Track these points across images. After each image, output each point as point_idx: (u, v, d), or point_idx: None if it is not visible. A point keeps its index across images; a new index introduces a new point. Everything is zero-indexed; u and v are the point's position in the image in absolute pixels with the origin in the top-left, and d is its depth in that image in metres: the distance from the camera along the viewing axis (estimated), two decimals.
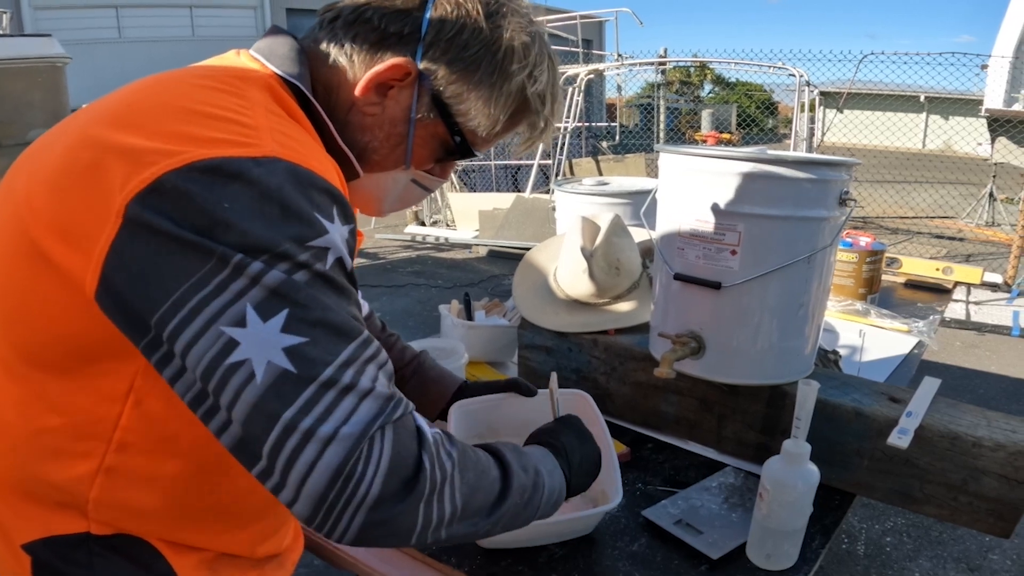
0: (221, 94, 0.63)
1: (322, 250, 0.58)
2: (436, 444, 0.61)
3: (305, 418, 0.54)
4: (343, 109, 0.73)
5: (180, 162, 0.55)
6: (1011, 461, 0.97)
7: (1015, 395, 3.74)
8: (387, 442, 0.56)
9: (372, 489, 0.55)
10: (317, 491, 0.54)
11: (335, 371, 0.55)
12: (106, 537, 0.69)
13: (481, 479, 0.66)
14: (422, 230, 7.97)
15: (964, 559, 2.41)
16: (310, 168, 0.59)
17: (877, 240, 2.07)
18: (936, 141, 14.21)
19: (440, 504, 0.60)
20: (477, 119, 0.74)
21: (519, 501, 0.70)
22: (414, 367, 1.14)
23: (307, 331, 0.55)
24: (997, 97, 10.14)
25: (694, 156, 1.08)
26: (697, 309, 1.12)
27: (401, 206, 0.85)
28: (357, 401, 0.56)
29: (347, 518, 0.55)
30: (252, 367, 0.54)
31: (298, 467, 0.54)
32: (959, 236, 8.03)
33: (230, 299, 0.54)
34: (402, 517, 0.57)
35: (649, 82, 11.17)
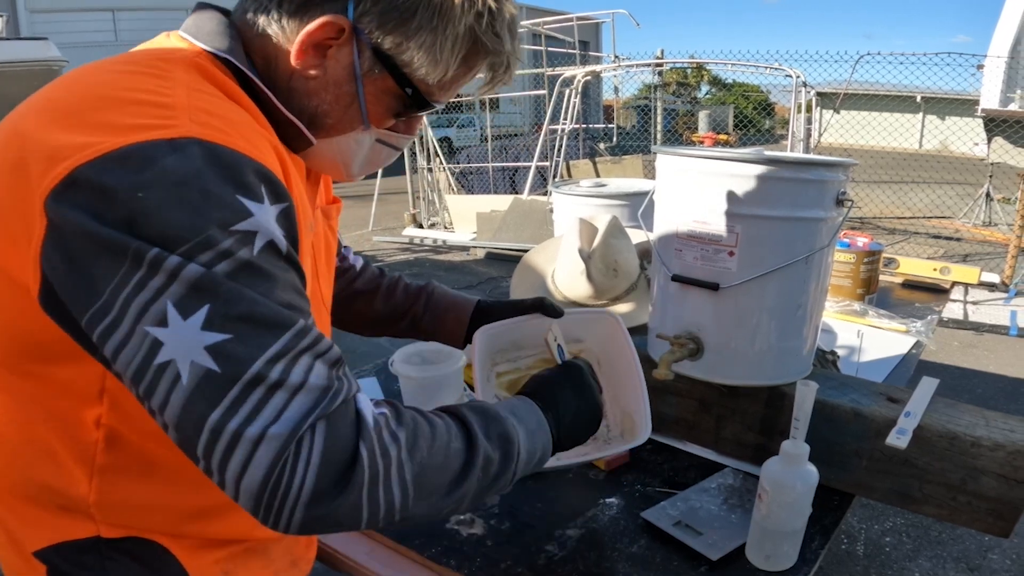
0: (142, 77, 0.60)
1: (248, 234, 0.55)
2: (378, 429, 0.59)
3: (232, 420, 0.52)
4: (284, 78, 0.69)
5: (93, 154, 0.53)
6: (1010, 461, 0.97)
7: (1013, 394, 3.75)
8: (319, 436, 0.54)
9: (305, 486, 0.54)
10: (252, 491, 0.53)
11: (262, 367, 0.53)
12: (117, 540, 0.69)
13: (436, 456, 0.62)
14: (420, 232, 7.97)
15: (964, 559, 2.41)
16: (234, 147, 0.57)
17: (874, 240, 2.07)
18: (933, 141, 14.25)
19: (387, 491, 0.58)
20: (424, 68, 0.69)
21: (487, 474, 0.67)
22: (424, 302, 1.10)
23: (230, 327, 0.53)
24: (993, 97, 10.15)
25: (691, 157, 1.08)
26: (695, 310, 1.12)
27: (372, 168, 0.81)
28: (288, 397, 0.54)
29: (287, 515, 0.54)
30: (177, 368, 0.52)
31: (231, 470, 0.53)
32: (956, 236, 8.05)
33: (150, 297, 0.52)
34: (344, 509, 0.56)
35: (646, 83, 11.20)
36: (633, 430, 0.99)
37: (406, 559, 1.03)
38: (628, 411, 1.00)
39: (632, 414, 1.00)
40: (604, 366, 1.11)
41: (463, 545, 1.03)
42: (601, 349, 1.11)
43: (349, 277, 1.08)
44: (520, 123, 16.38)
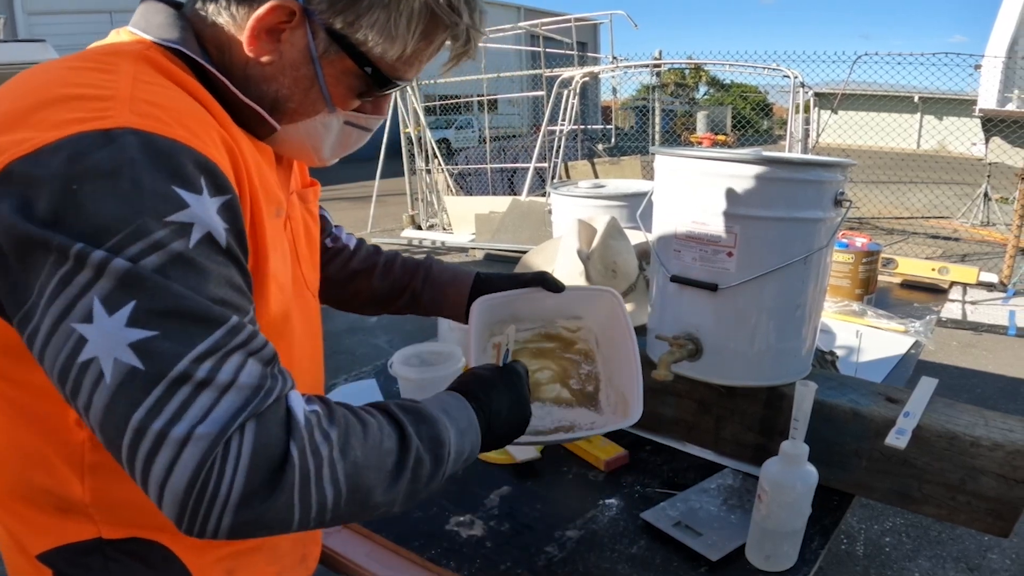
0: (87, 72, 0.59)
1: (183, 226, 0.54)
2: (309, 428, 0.57)
3: (156, 420, 0.50)
4: (239, 65, 0.68)
5: (27, 148, 0.52)
6: (1009, 460, 0.97)
7: (1012, 394, 3.75)
8: (248, 436, 0.53)
9: (234, 488, 0.52)
10: (177, 496, 0.51)
11: (188, 365, 0.52)
12: (119, 541, 0.69)
13: (370, 455, 0.60)
14: (418, 234, 7.97)
15: (963, 558, 2.41)
16: (173, 136, 0.55)
17: (873, 241, 2.07)
18: (930, 141, 14.27)
19: (319, 490, 0.56)
20: (380, 46, 0.68)
21: (418, 475, 0.65)
22: (422, 277, 1.08)
23: (156, 323, 0.51)
24: (991, 97, 10.17)
25: (690, 158, 1.08)
26: (694, 311, 1.12)
27: (343, 151, 0.80)
28: (216, 396, 0.52)
29: (214, 520, 0.52)
30: (100, 366, 0.50)
31: (155, 472, 0.51)
32: (954, 236, 8.05)
33: (76, 293, 0.51)
34: (274, 511, 0.54)
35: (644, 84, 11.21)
36: (626, 410, 0.98)
37: (406, 560, 1.03)
38: (622, 391, 1.00)
39: (625, 394, 1.00)
40: (603, 345, 1.10)
41: (463, 546, 1.03)
42: (600, 327, 1.10)
43: (344, 257, 1.07)
44: (518, 124, 16.37)
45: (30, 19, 14.76)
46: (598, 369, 1.10)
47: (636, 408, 0.94)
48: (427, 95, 9.42)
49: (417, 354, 1.45)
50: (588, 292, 1.11)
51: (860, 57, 8.50)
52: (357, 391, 1.60)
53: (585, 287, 1.07)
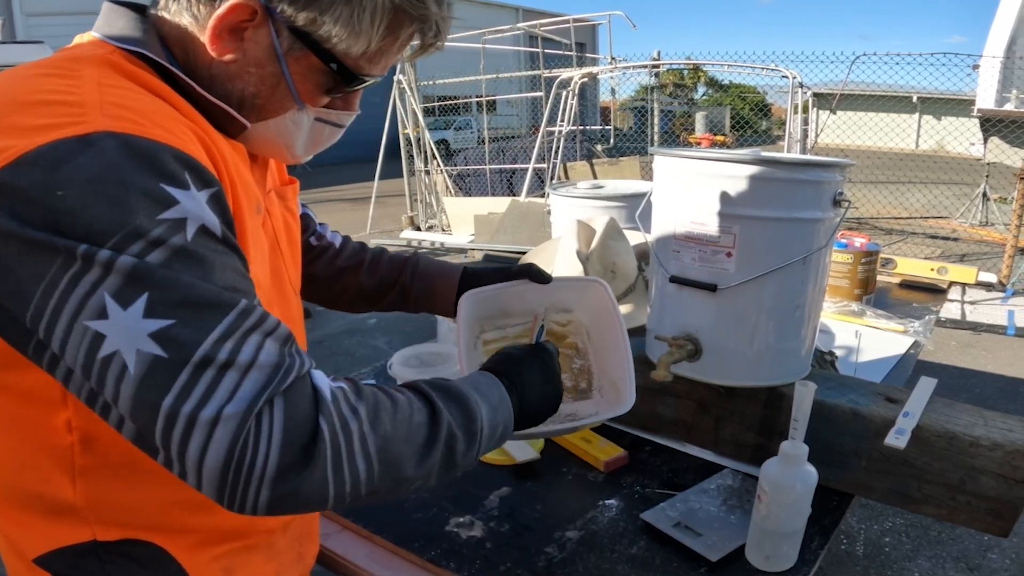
0: (49, 79, 0.59)
1: (177, 222, 0.54)
2: (337, 403, 0.58)
3: (185, 403, 0.52)
4: (204, 65, 0.68)
5: (4, 160, 0.52)
6: (1008, 460, 0.97)
7: (1011, 394, 3.75)
8: (277, 413, 0.54)
9: (269, 464, 0.53)
10: (215, 474, 0.52)
11: (210, 348, 0.53)
12: (114, 543, 0.69)
13: (400, 428, 0.61)
14: (417, 235, 7.97)
15: (963, 558, 2.41)
16: (151, 136, 0.55)
17: (872, 241, 2.07)
18: (929, 141, 14.27)
19: (352, 464, 0.57)
20: (344, 42, 0.68)
21: (451, 449, 0.66)
22: (411, 271, 1.08)
23: (171, 312, 0.52)
24: (989, 97, 10.18)
25: (689, 159, 1.08)
26: (693, 311, 1.12)
27: (316, 148, 0.80)
28: (239, 376, 0.53)
29: (252, 495, 0.53)
30: (123, 359, 0.52)
31: (191, 454, 0.52)
32: (953, 236, 8.06)
33: (86, 291, 0.52)
34: (309, 485, 0.55)
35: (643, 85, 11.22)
36: (619, 399, 0.98)
37: (405, 561, 1.03)
38: (614, 380, 1.00)
39: (617, 382, 1.00)
40: (593, 336, 1.10)
41: (463, 547, 1.03)
42: (590, 319, 1.10)
43: (331, 254, 1.07)
44: (517, 125, 16.38)
45: (28, 21, 14.75)
46: (590, 362, 1.10)
47: (629, 396, 0.94)
48: (426, 96, 9.42)
49: (416, 355, 1.45)
50: (576, 283, 1.11)
51: (859, 57, 8.51)
52: None
53: (573, 277, 1.07)
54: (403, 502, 1.15)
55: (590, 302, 1.07)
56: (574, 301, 1.09)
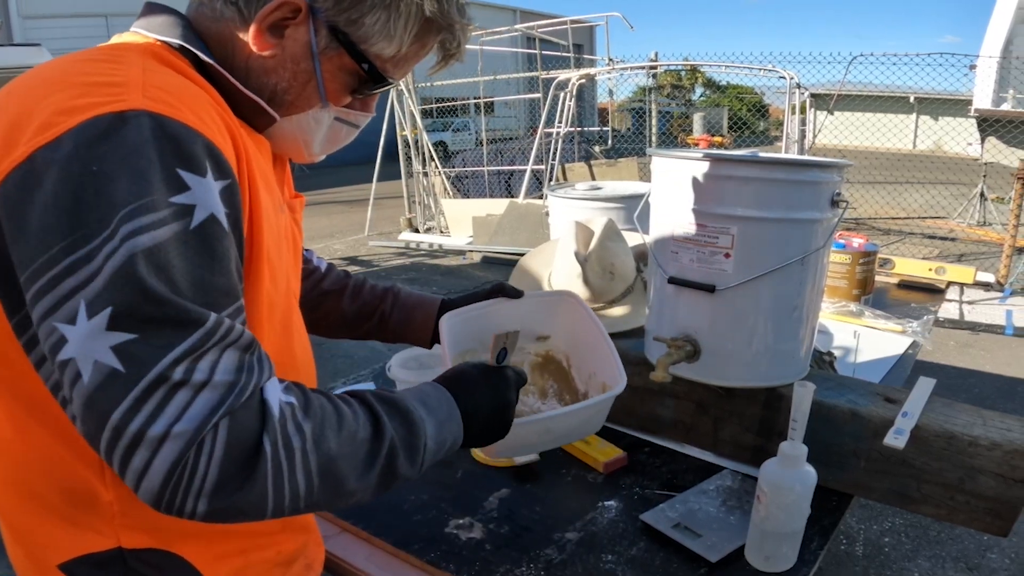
0: (95, 63, 0.62)
1: (186, 207, 0.56)
2: (283, 421, 0.58)
3: (134, 419, 0.52)
4: (242, 58, 0.71)
5: (50, 136, 0.55)
6: (1007, 460, 0.97)
7: (1010, 394, 3.75)
8: (222, 432, 0.54)
9: (208, 479, 0.54)
10: (154, 488, 0.53)
11: (166, 368, 0.53)
12: (139, 551, 0.69)
13: (344, 445, 0.62)
14: (416, 237, 7.97)
15: (963, 558, 2.41)
16: (183, 120, 0.58)
17: (870, 241, 2.07)
18: (926, 141, 14.27)
19: (292, 480, 0.58)
20: (379, 44, 0.72)
21: (392, 465, 0.66)
22: (391, 300, 1.10)
23: (136, 327, 0.53)
24: (986, 97, 10.20)
25: (687, 160, 1.08)
26: (692, 312, 1.12)
27: (331, 147, 0.83)
28: (191, 395, 0.54)
29: (189, 507, 0.54)
30: (78, 367, 0.53)
31: (132, 468, 0.53)
32: (951, 236, 8.07)
33: (65, 294, 0.53)
34: (246, 500, 0.56)
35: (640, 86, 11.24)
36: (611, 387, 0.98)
37: (405, 563, 1.03)
38: (605, 382, 1.01)
39: (607, 382, 1.00)
40: (574, 356, 1.12)
41: (462, 549, 1.03)
42: (569, 340, 1.12)
43: (315, 278, 1.08)
44: (515, 127, 16.39)
45: (26, 23, 14.75)
46: (575, 380, 1.12)
47: (621, 381, 0.95)
48: (424, 98, 9.42)
49: (415, 357, 1.45)
50: (548, 300, 1.12)
51: (856, 58, 8.52)
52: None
53: (543, 293, 1.09)
54: (403, 503, 1.15)
55: (566, 319, 1.09)
56: (551, 323, 1.11)
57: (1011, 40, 9.97)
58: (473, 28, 0.79)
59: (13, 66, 5.09)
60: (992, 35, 10.12)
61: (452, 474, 1.24)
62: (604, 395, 0.95)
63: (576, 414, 0.95)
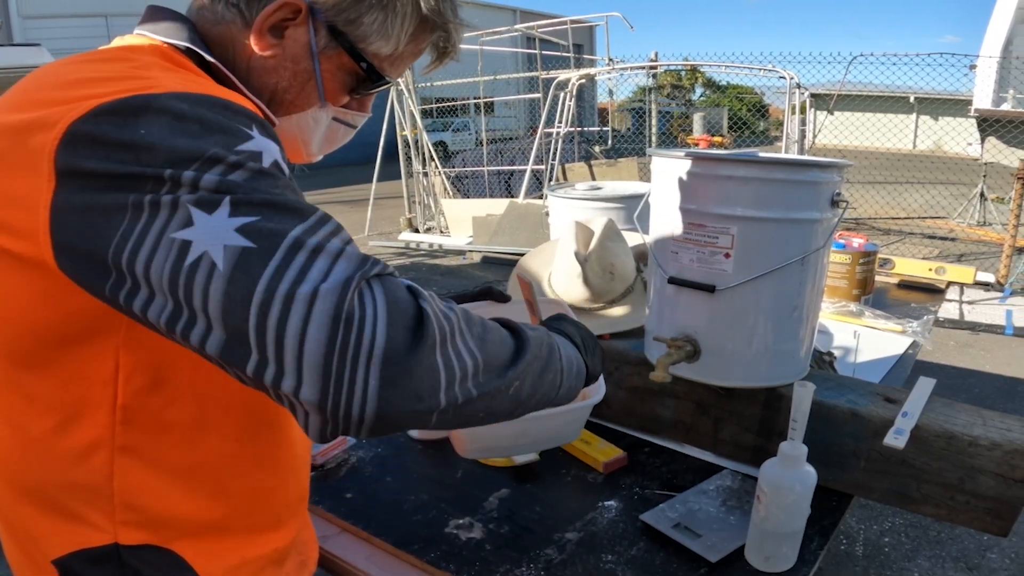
0: (109, 63, 0.63)
1: (254, 153, 0.56)
2: (433, 299, 0.57)
3: (280, 284, 0.50)
4: (243, 59, 0.73)
5: (84, 110, 0.54)
6: (1007, 460, 0.97)
7: (1010, 394, 3.75)
8: (378, 292, 0.52)
9: (377, 339, 0.50)
10: (318, 358, 0.50)
11: (299, 235, 0.52)
12: (135, 548, 0.69)
13: (490, 333, 0.61)
14: (416, 237, 7.97)
15: (963, 558, 2.41)
16: (220, 95, 0.59)
17: (870, 241, 2.07)
18: (926, 141, 14.28)
19: (458, 353, 0.56)
20: (377, 43, 0.74)
21: (538, 356, 0.66)
22: None
23: (256, 211, 0.53)
24: (986, 97, 10.20)
25: (687, 159, 1.08)
26: (692, 312, 1.12)
27: (329, 148, 0.84)
28: (331, 261, 0.52)
29: (360, 382, 0.50)
30: (211, 258, 0.51)
31: (289, 338, 0.49)
32: (951, 236, 8.07)
33: (171, 210, 0.52)
34: (420, 369, 0.52)
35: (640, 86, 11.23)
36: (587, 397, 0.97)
37: (405, 563, 1.03)
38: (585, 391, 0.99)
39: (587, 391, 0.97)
40: None
41: (462, 549, 1.03)
42: None
43: None
44: (515, 127, 16.39)
45: (25, 23, 14.74)
46: None
47: (599, 388, 0.94)
48: (424, 98, 9.42)
49: None
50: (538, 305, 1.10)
51: (856, 58, 8.52)
52: None
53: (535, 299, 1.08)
54: (403, 503, 1.15)
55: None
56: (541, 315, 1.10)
57: (1011, 40, 9.98)
58: (466, 28, 0.80)
59: (13, 66, 5.09)
60: (992, 35, 10.12)
61: (452, 474, 1.24)
62: (582, 403, 0.93)
63: (553, 418, 0.93)
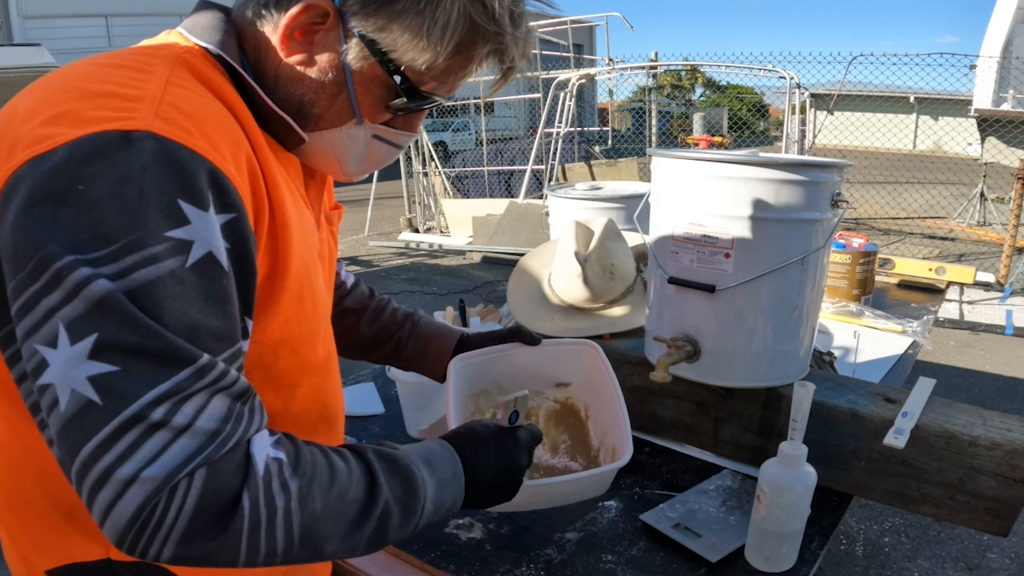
0: (120, 70, 0.59)
1: (183, 243, 0.53)
2: (268, 477, 0.56)
3: (104, 456, 0.49)
4: (272, 66, 0.68)
5: (47, 147, 0.52)
6: (1007, 460, 0.97)
7: (1010, 393, 3.75)
8: (197, 482, 0.51)
9: (175, 529, 0.51)
10: (118, 527, 0.51)
11: (145, 406, 0.50)
12: (127, 564, 0.67)
13: (332, 506, 0.59)
14: (416, 237, 7.97)
15: (963, 558, 2.41)
16: (192, 146, 0.54)
17: (870, 241, 2.07)
18: (926, 142, 14.27)
19: (269, 538, 0.55)
20: (411, 53, 0.66)
21: (384, 525, 0.63)
22: (409, 328, 1.06)
23: (119, 359, 0.50)
24: (986, 97, 10.20)
25: (687, 160, 1.08)
26: (692, 313, 1.12)
27: (370, 167, 0.77)
28: (169, 439, 0.51)
29: (154, 551, 0.52)
30: (56, 393, 0.50)
31: (99, 503, 0.50)
32: (951, 236, 8.07)
33: (44, 314, 0.50)
34: (218, 552, 0.53)
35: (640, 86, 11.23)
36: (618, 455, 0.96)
37: (405, 563, 1.03)
38: (616, 445, 0.98)
39: (617, 445, 0.98)
40: (593, 408, 1.10)
41: (462, 550, 1.03)
42: (587, 390, 1.09)
43: (340, 293, 1.05)
44: (515, 127, 16.41)
45: (26, 23, 14.76)
46: (590, 437, 1.11)
47: (628, 450, 0.91)
48: None
49: None
50: (568, 348, 1.08)
51: (856, 58, 8.52)
52: (356, 395, 1.59)
53: (563, 341, 1.06)
54: None
55: (585, 368, 1.06)
56: (570, 371, 1.09)
57: (1011, 40, 9.98)
58: (530, 41, 0.72)
59: (13, 66, 5.08)
60: (992, 35, 10.12)
61: None
62: (604, 468, 0.91)
63: (573, 483, 0.93)
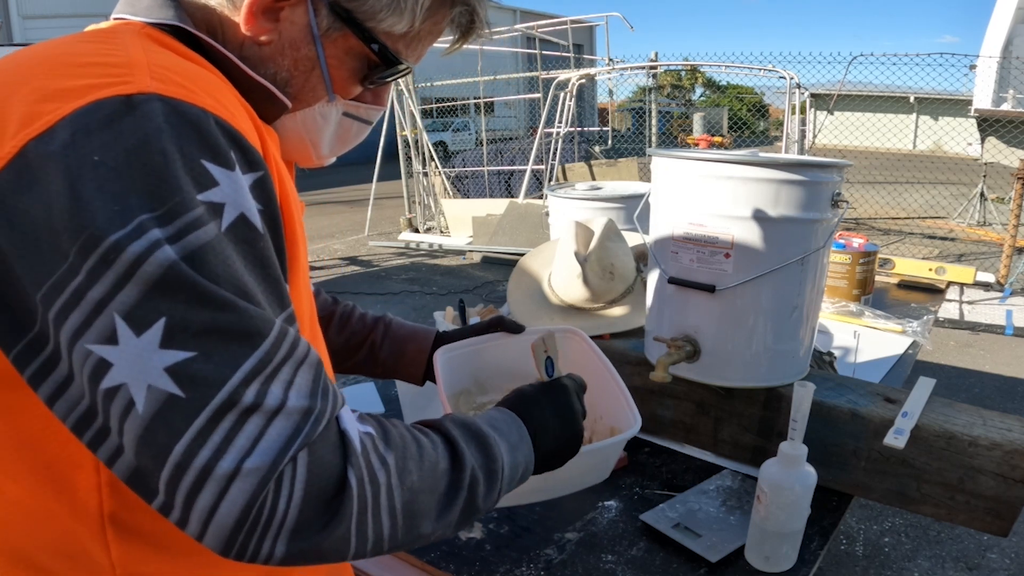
0: (84, 44, 0.54)
1: (215, 206, 0.48)
2: (366, 452, 0.53)
3: (200, 452, 0.45)
4: (234, 47, 0.62)
5: (43, 126, 0.46)
6: (1007, 460, 0.97)
7: (1010, 393, 3.75)
8: (301, 467, 0.48)
9: (288, 520, 0.48)
10: (224, 532, 0.46)
11: (234, 390, 0.46)
12: None
13: (426, 479, 0.56)
14: (416, 237, 7.97)
15: (963, 558, 2.41)
16: (202, 105, 0.49)
17: (870, 241, 2.07)
18: (926, 142, 14.28)
19: (376, 520, 0.52)
20: (389, 19, 0.63)
21: (474, 496, 0.61)
22: (382, 331, 1.01)
23: (195, 342, 0.45)
24: (986, 97, 10.21)
25: (687, 160, 1.08)
26: (692, 312, 1.12)
27: (342, 148, 0.74)
28: (264, 423, 0.47)
29: (266, 550, 0.48)
30: (130, 394, 0.45)
31: (198, 508, 0.46)
32: (951, 236, 8.07)
33: (92, 308, 0.44)
34: (329, 543, 0.50)
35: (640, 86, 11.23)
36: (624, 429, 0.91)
37: (405, 563, 1.03)
38: (613, 426, 0.95)
39: (616, 426, 0.94)
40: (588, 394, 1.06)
41: (462, 550, 1.03)
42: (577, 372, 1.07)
43: None
44: (515, 127, 16.41)
45: (25, 23, 14.76)
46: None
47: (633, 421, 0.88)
48: (424, 98, 9.42)
49: None
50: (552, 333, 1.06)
51: (856, 58, 8.52)
52: (355, 395, 1.59)
53: (546, 328, 1.04)
54: None
55: (570, 356, 1.02)
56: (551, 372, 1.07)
57: (1011, 40, 9.98)
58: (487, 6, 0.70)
59: None
60: (992, 35, 10.13)
61: None
62: (612, 439, 0.86)
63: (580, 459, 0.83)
